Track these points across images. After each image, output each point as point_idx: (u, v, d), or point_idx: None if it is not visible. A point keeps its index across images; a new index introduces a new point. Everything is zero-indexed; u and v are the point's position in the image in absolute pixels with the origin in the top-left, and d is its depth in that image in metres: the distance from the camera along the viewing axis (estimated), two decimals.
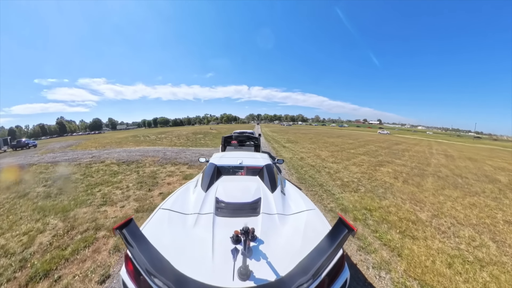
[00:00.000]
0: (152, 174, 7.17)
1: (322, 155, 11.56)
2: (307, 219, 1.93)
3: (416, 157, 13.14)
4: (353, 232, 1.21)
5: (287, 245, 1.59)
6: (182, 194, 2.47)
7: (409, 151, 16.29)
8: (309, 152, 12.72)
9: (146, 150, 13.11)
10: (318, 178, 6.88)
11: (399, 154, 13.74)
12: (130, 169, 8.03)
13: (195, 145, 15.64)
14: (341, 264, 1.51)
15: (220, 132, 30.46)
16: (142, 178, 6.70)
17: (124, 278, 1.43)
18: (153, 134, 25.82)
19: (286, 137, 23.65)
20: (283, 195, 2.43)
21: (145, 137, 22.40)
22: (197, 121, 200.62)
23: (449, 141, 41.30)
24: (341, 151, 13.59)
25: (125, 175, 7.17)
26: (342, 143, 19.14)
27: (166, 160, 9.31)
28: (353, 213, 4.39)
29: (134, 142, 19.00)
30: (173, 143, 17.30)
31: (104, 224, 3.87)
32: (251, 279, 1.24)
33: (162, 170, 7.62)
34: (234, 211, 2.04)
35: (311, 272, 1.16)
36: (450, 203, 5.14)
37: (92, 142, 22.25)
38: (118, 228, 1.24)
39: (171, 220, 1.90)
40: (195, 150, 12.97)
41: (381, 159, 11.26)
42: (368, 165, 9.36)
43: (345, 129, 69.61)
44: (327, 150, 13.75)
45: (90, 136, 47.79)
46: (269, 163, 3.19)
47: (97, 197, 5.25)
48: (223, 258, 1.43)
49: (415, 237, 3.58)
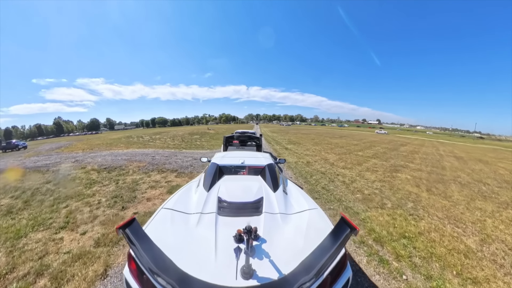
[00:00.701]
0: (132, 185, 6.04)
1: (329, 159, 10.48)
2: (309, 218, 1.91)
3: (427, 159, 12.20)
4: (355, 231, 1.20)
5: (290, 244, 1.57)
6: (184, 194, 2.45)
7: (418, 152, 15.33)
8: (314, 155, 11.63)
9: (135, 153, 11.95)
10: (333, 190, 5.77)
11: (409, 157, 12.77)
12: (110, 177, 6.91)
13: (189, 147, 14.45)
14: (344, 263, 1.48)
15: (217, 133, 29.35)
16: (120, 191, 5.58)
17: (127, 277, 1.41)
18: (148, 135, 24.66)
19: (287, 138, 22.57)
20: (285, 195, 2.42)
21: (138, 138, 21.24)
22: (196, 121, 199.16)
23: (450, 141, 40.54)
24: (349, 154, 12.52)
25: (102, 186, 6.06)
26: (347, 144, 18.10)
27: (153, 166, 8.17)
28: (391, 246, 3.27)
29: (126, 143, 17.84)
30: (166, 144, 16.11)
31: (51, 265, 2.80)
32: (254, 278, 1.24)
33: (146, 180, 6.49)
34: (236, 211, 2.02)
35: (314, 271, 1.15)
36: (490, 221, 4.35)
37: (83, 143, 21.09)
38: (121, 227, 1.23)
39: (174, 219, 1.88)
40: (188, 153, 11.74)
41: (393, 163, 10.23)
42: (383, 171, 8.31)
43: (345, 129, 68.63)
44: (333, 153, 12.68)
45: (86, 136, 46.59)
46: (271, 163, 3.15)
47: (61, 216, 4.24)
48: (226, 257, 1.41)
49: (477, 279, 2.67)
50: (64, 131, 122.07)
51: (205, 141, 18.47)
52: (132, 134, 28.66)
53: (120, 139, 21.51)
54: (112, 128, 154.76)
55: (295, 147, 14.98)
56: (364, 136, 32.57)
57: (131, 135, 26.27)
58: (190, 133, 26.38)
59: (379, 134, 45.29)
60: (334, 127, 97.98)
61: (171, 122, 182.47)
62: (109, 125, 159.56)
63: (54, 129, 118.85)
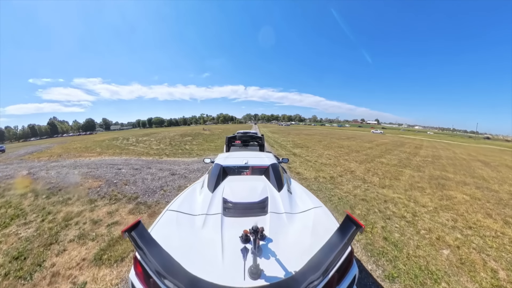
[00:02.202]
0: (59, 228, 3.65)
1: (354, 170, 8.15)
2: (314, 217, 1.89)
3: (458, 167, 10.21)
4: (361, 228, 1.19)
5: (296, 243, 1.55)
6: (189, 195, 2.39)
7: (440, 157, 13.22)
8: (333, 164, 9.27)
9: (101, 163, 9.50)
10: (406, 244, 3.29)
11: (437, 164, 10.72)
12: (43, 206, 4.58)
13: (173, 154, 11.87)
14: (350, 261, 1.47)
15: (213, 133, 26.89)
16: (33, 242, 3.22)
17: (133, 281, 1.38)
18: (137, 136, 22.24)
19: (290, 140, 20.23)
20: (290, 194, 2.37)
21: (122, 141, 18.81)
22: (193, 121, 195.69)
23: (454, 141, 38.74)
24: (371, 161, 10.21)
25: (21, 225, 3.85)
26: (361, 148, 15.84)
27: (109, 187, 5.74)
28: None
29: (104, 147, 15.42)
30: (148, 150, 13.55)
31: None
32: (262, 278, 1.22)
33: (84, 216, 4.05)
34: (241, 211, 1.99)
35: (321, 269, 1.13)
36: None
37: (61, 147, 18.72)
38: (126, 231, 1.21)
39: (179, 221, 1.83)
40: (167, 163, 9.07)
41: (431, 174, 8.03)
42: (431, 189, 6.07)
43: (347, 129, 66.48)
44: (353, 160, 10.37)
45: (75, 138, 43.98)
46: (275, 162, 3.08)
47: None
48: (233, 258, 1.39)
49: None
50: (59, 131, 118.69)
51: (196, 145, 15.93)
52: (121, 136, 26.27)
53: (103, 142, 19.10)
54: (108, 128, 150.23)
55: (304, 152, 12.63)
56: (370, 137, 30.36)
57: (119, 136, 23.78)
58: (182, 134, 23.86)
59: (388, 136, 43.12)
60: (334, 127, 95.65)
61: (168, 122, 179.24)
62: (105, 125, 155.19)
63: (48, 130, 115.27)
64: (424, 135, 61.16)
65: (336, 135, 31.76)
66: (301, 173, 7.34)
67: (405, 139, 31.77)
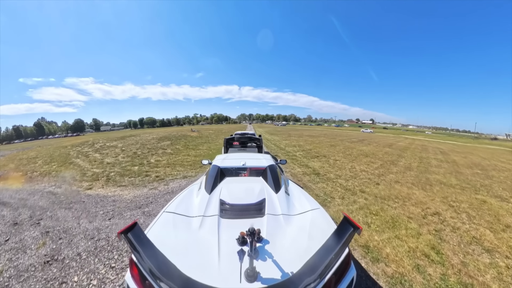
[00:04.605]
0: None
1: (444, 214, 4.31)
2: (312, 219, 1.86)
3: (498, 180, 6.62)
4: (358, 230, 1.17)
5: (294, 245, 1.53)
6: (186, 197, 2.34)
7: (477, 165, 10.27)
8: (393, 197, 5.38)
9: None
10: None
11: (481, 175, 7.88)
12: None
13: (122, 175, 7.40)
14: (347, 263, 1.44)
15: (201, 135, 22.65)
16: None
17: (129, 283, 1.35)
18: (108, 140, 17.97)
19: (295, 144, 16.31)
20: (287, 196, 2.33)
21: (83, 148, 14.55)
22: (187, 121, 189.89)
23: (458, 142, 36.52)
24: (430, 185, 6.41)
25: None
26: (386, 154, 12.16)
27: None
28: None
29: (43, 158, 11.21)
30: (96, 164, 9.19)
31: None
32: (258, 280, 1.20)
33: None
34: (238, 213, 1.97)
35: (319, 271, 1.14)
36: None
37: (7, 158, 14.23)
38: (122, 232, 1.19)
39: (176, 223, 1.82)
40: (74, 212, 5.11)
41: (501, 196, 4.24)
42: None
43: (346, 130, 63.17)
44: (407, 182, 6.52)
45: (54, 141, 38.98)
46: (272, 164, 3.06)
47: None
48: (229, 260, 1.37)
49: None
50: (46, 132, 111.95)
51: (170, 155, 11.23)
52: (97, 138, 21.91)
53: (57, 151, 14.79)
54: (98, 129, 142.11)
55: (326, 165, 8.64)
56: (382, 139, 26.78)
57: (92, 140, 19.43)
58: (162, 137, 19.54)
59: (399, 138, 39.86)
60: (332, 127, 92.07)
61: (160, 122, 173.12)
62: (95, 126, 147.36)
63: (34, 131, 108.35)
64: (423, 135, 58.83)
65: (342, 136, 28.00)
66: None
67: (415, 141, 28.48)
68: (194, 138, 19.96)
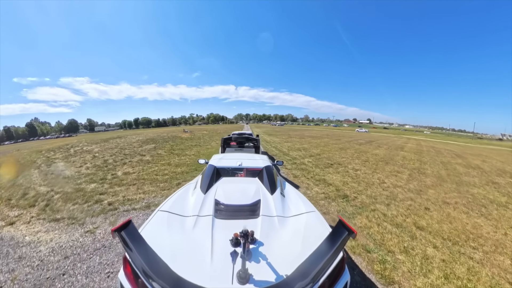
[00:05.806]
0: None
1: None
2: (307, 222, 1.83)
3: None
4: (353, 234, 1.14)
5: (287, 248, 1.51)
6: (181, 196, 2.31)
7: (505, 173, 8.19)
8: (468, 238, 3.60)
9: None
10: None
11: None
12: None
13: (67, 199, 5.38)
14: (342, 267, 1.42)
15: (193, 137, 20.58)
16: None
17: (122, 281, 1.34)
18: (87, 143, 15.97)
19: (297, 146, 14.49)
20: (283, 197, 2.30)
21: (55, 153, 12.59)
22: (183, 121, 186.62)
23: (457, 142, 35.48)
24: (462, 191, 4.66)
25: None
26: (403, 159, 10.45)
27: None
28: None
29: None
30: (39, 183, 7.25)
31: None
32: (250, 283, 1.19)
33: None
34: (233, 213, 1.94)
35: (311, 275, 1.10)
36: None
37: None
38: (116, 230, 1.16)
39: (170, 222, 1.79)
40: None
41: None
42: None
43: (346, 130, 61.53)
44: (458, 204, 4.72)
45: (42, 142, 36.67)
46: (269, 165, 3.00)
47: None
48: (222, 261, 1.36)
49: None
50: (38, 133, 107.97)
51: (148, 164, 8.92)
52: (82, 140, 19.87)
53: (27, 156, 12.79)
54: (93, 129, 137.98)
55: (349, 179, 6.67)
56: (383, 139, 25.10)
57: (74, 143, 17.33)
58: (149, 139, 17.43)
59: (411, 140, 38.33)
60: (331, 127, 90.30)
61: (156, 122, 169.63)
62: (90, 126, 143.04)
63: (26, 132, 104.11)
64: (423, 135, 57.93)
65: (346, 137, 26.19)
66: None
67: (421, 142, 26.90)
68: (184, 140, 17.90)
